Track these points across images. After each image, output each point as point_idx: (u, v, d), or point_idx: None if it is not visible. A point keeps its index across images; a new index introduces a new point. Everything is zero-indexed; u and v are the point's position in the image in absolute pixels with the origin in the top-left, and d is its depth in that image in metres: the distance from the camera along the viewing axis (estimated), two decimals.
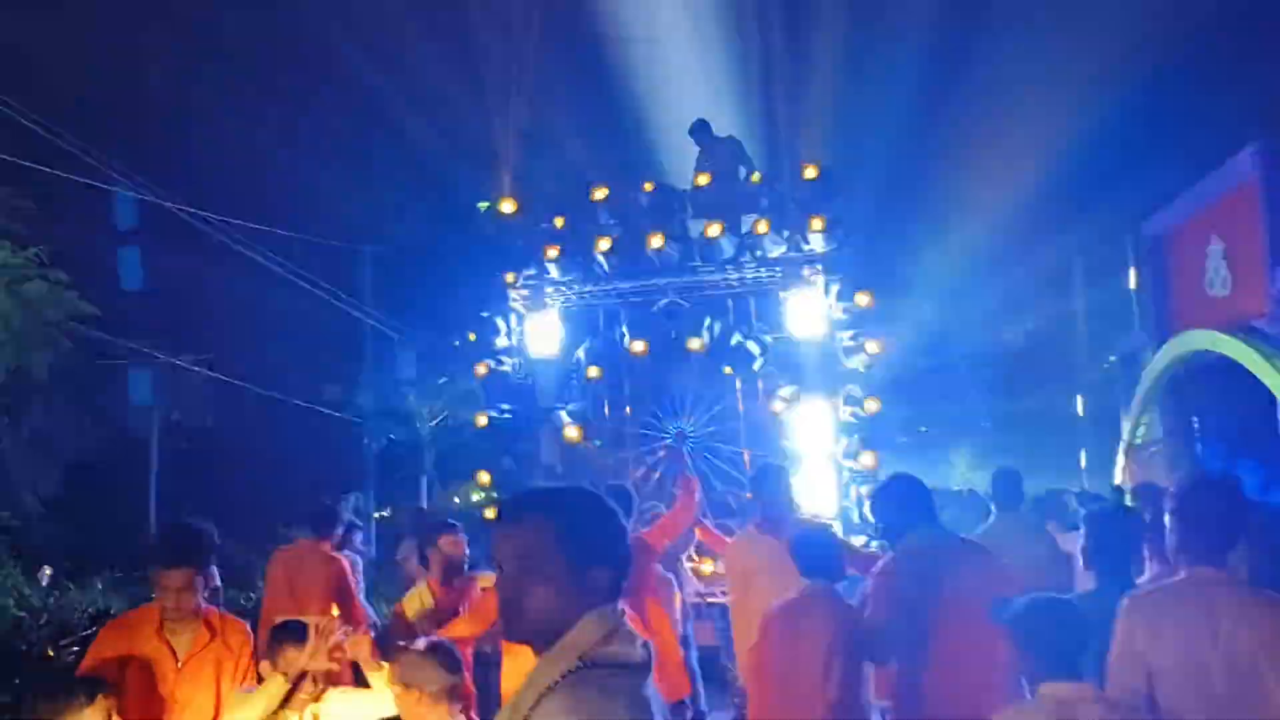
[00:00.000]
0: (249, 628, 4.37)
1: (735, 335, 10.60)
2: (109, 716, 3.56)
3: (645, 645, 2.21)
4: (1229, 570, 3.61)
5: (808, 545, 5.07)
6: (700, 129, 11.30)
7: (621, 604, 2.25)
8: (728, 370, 10.79)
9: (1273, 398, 11.41)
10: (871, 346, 10.14)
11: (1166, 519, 3.82)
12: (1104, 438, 15.95)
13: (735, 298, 10.91)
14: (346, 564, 8.10)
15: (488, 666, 5.98)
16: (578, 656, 2.11)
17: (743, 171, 11.07)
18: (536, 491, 2.44)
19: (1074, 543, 6.31)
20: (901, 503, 4.98)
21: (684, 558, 9.57)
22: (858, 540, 8.84)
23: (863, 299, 10.21)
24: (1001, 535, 6.60)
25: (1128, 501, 7.30)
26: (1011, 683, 3.85)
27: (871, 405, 10.09)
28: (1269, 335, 11.81)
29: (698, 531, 8.02)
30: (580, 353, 10.89)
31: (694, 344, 10.35)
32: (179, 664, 4.08)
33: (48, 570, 12.70)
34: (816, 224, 10.21)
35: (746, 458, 10.53)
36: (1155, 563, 5.04)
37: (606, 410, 11.10)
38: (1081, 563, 4.71)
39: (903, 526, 4.94)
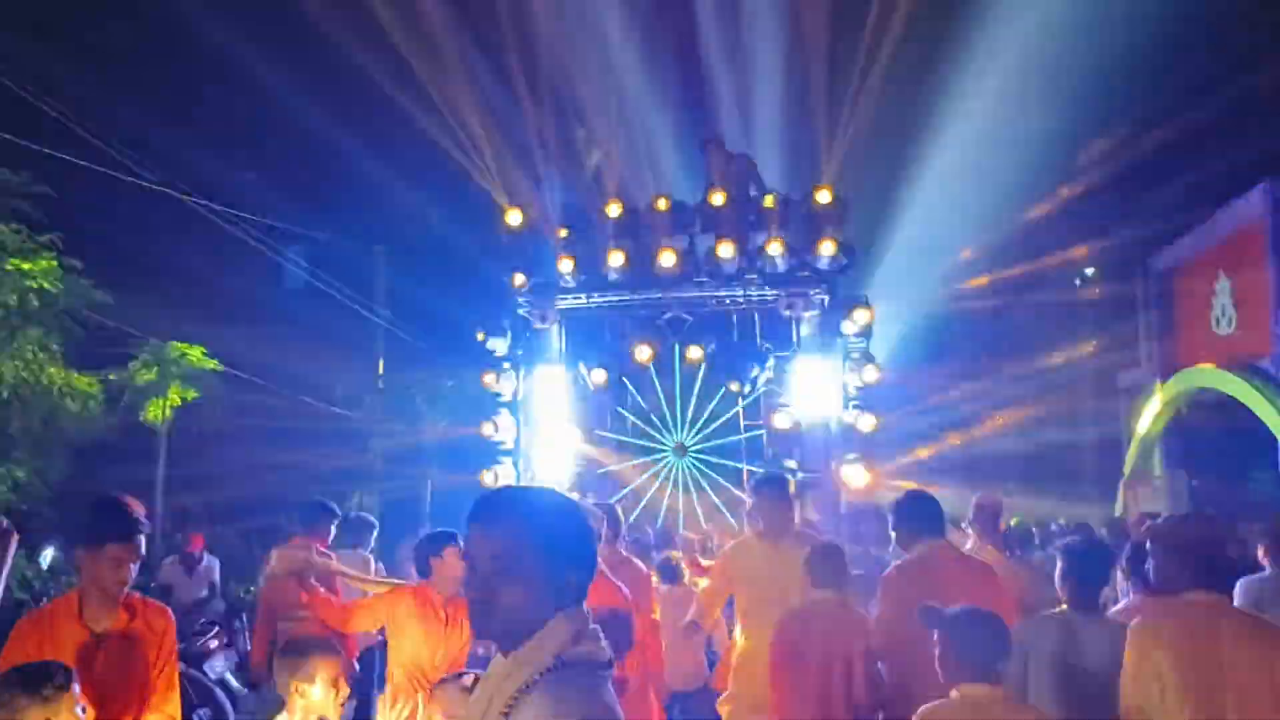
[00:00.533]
0: (171, 612, 4.27)
1: (738, 351, 10.68)
2: (77, 700, 3.51)
3: (607, 645, 2.26)
4: (1226, 596, 3.91)
5: (823, 558, 5.43)
6: (713, 144, 11.34)
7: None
8: (733, 386, 10.86)
9: (1273, 437, 11.45)
10: (870, 373, 10.15)
11: (1151, 548, 4.11)
12: (1108, 469, 15.98)
13: (740, 314, 10.98)
14: (335, 560, 8.11)
15: None
16: (553, 655, 2.16)
17: (753, 189, 11.12)
18: (512, 492, 2.47)
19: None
20: (912, 515, 5.35)
21: None
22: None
23: (864, 316, 10.23)
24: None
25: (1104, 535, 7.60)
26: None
27: (871, 424, 10.12)
28: (1272, 375, 11.84)
29: (686, 565, 8.14)
30: (583, 363, 10.95)
31: (695, 357, 10.40)
32: (99, 647, 3.99)
33: (48, 552, 12.82)
34: (827, 246, 10.24)
35: (745, 473, 10.62)
36: (1135, 593, 5.40)
37: (608, 420, 11.18)
38: (1058, 589, 4.89)
39: (912, 536, 5.32)
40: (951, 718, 3.69)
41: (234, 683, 9.88)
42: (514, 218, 10.87)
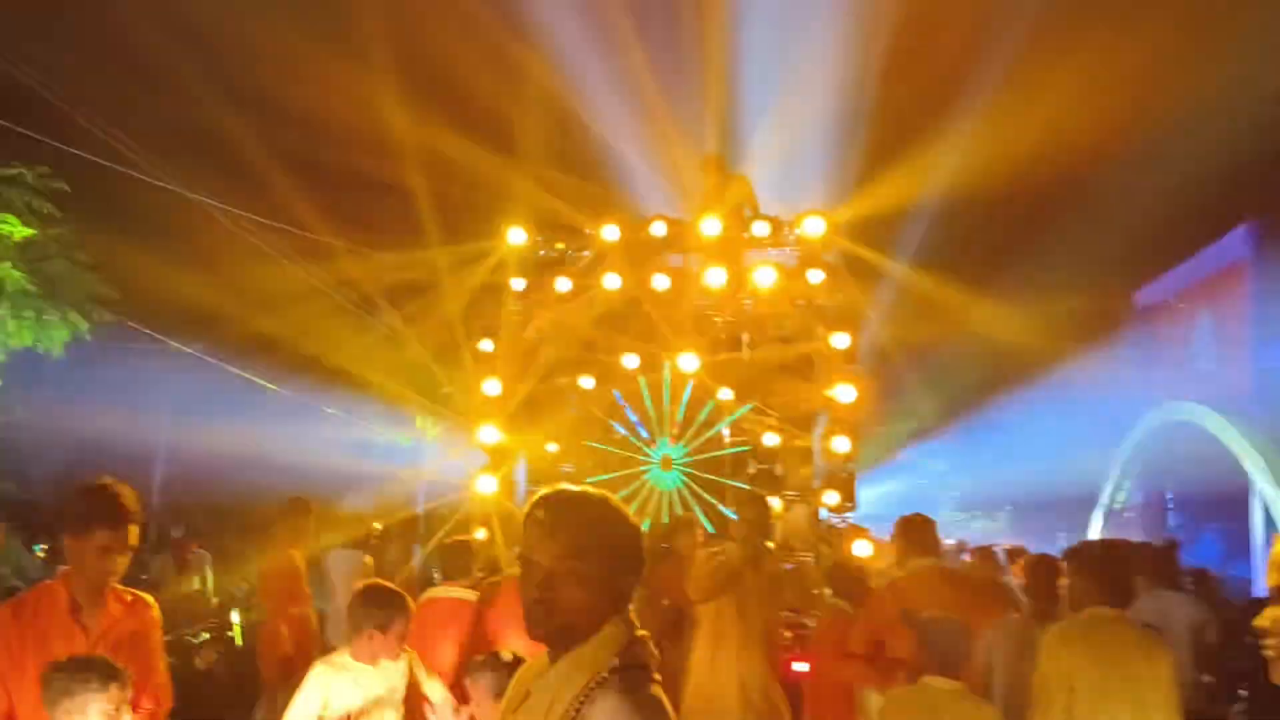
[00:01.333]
0: (155, 603, 4.13)
1: (727, 367, 10.87)
2: (124, 701, 3.46)
3: (655, 651, 2.33)
4: (1125, 611, 4.53)
5: (841, 572, 6.32)
6: (711, 165, 11.54)
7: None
8: (717, 399, 11.03)
9: (1247, 470, 11.68)
10: (851, 394, 10.30)
11: (1065, 568, 4.78)
12: (1085, 500, 16.17)
13: (730, 331, 11.20)
14: (300, 563, 8.30)
15: None
16: (614, 658, 2.21)
17: (749, 210, 11.31)
18: (575, 494, 2.41)
19: None
20: (906, 536, 5.86)
21: None
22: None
23: (850, 337, 10.39)
24: None
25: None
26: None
27: (851, 445, 10.25)
28: (1249, 412, 12.07)
29: None
30: (574, 372, 11.14)
31: (687, 370, 10.57)
32: (91, 643, 3.78)
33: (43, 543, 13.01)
34: (818, 269, 10.47)
35: (728, 488, 10.82)
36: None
37: (595, 431, 11.35)
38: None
39: (906, 555, 5.85)
40: (915, 699, 4.33)
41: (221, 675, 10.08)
42: (515, 234, 11.03)
